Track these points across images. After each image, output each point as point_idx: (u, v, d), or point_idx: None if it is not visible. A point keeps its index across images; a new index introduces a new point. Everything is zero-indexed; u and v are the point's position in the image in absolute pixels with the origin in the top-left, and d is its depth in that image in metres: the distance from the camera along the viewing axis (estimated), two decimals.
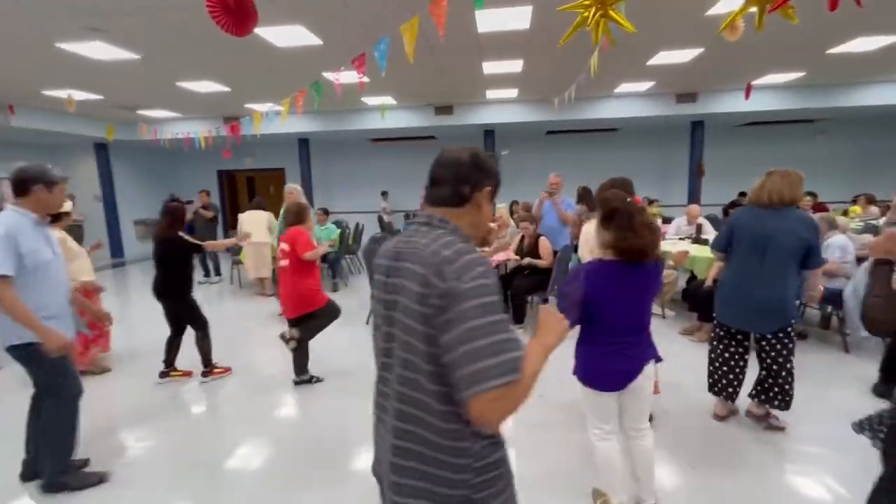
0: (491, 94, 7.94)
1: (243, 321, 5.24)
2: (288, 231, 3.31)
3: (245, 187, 13.99)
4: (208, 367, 3.60)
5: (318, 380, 3.46)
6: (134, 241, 10.97)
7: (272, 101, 7.79)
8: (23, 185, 2.08)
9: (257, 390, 3.46)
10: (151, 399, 3.35)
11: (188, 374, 3.62)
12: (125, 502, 2.23)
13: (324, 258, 6.85)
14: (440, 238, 0.92)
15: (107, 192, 10.16)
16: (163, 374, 3.56)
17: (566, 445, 2.58)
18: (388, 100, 8.22)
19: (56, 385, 2.18)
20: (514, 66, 6.11)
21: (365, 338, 3.89)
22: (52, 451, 2.21)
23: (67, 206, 3.46)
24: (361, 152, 11.55)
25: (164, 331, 3.54)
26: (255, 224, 5.95)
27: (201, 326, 3.52)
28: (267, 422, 3.05)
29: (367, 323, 4.74)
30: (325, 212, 7.11)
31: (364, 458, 2.56)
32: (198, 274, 7.91)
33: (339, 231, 6.97)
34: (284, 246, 3.25)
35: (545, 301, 4.54)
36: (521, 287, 4.48)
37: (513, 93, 7.89)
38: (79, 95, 6.93)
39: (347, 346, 4.09)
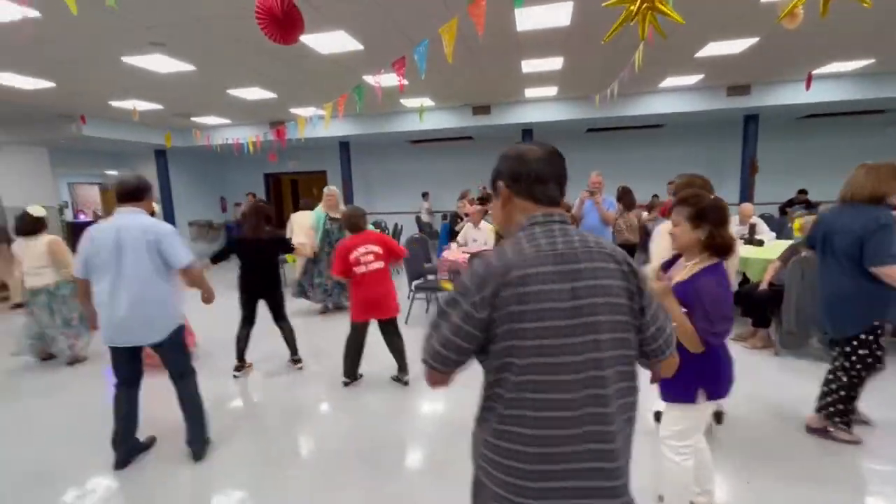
0: (529, 92, 7.85)
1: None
2: (370, 234, 3.33)
3: (289, 189, 14.55)
4: (297, 354, 3.84)
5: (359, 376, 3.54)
6: (189, 241, 11.65)
7: (315, 105, 8.06)
8: (139, 193, 2.38)
9: (308, 385, 3.60)
10: (231, 390, 3.55)
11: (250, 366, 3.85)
12: (204, 482, 2.38)
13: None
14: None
15: (165, 195, 10.85)
16: (238, 368, 3.72)
17: None
18: (427, 101, 8.30)
19: (190, 365, 2.58)
20: (554, 63, 6.01)
21: (408, 340, 3.92)
22: (203, 421, 2.60)
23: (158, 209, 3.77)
24: (400, 154, 11.73)
25: (225, 327, 3.74)
26: (304, 223, 6.19)
27: (286, 318, 3.78)
28: (321, 417, 3.16)
29: (406, 323, 4.80)
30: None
31: (412, 458, 2.61)
32: (227, 273, 8.31)
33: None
34: (375, 248, 3.25)
35: None
36: None
37: (552, 91, 7.76)
38: (142, 106, 7.46)
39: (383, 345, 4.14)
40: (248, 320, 3.70)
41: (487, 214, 5.60)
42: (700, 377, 1.65)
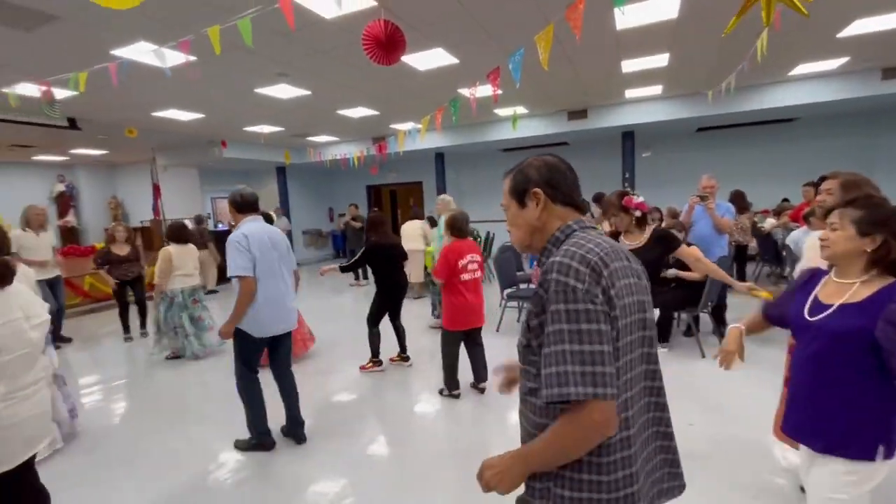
0: (630, 93, 7.41)
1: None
2: (472, 242, 3.40)
3: (388, 200, 15.47)
4: (406, 352, 4.14)
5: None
6: (302, 248, 12.95)
7: (413, 120, 8.50)
8: (257, 203, 2.80)
9: (411, 385, 3.79)
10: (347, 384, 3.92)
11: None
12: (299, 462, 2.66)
13: None
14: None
15: (284, 206, 12.23)
16: (377, 364, 4.03)
17: (716, 479, 2.25)
18: (520, 109, 8.27)
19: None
20: (659, 60, 5.61)
21: (498, 347, 3.93)
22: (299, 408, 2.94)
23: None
24: (493, 162, 11.81)
25: (333, 327, 4.12)
26: (412, 232, 6.56)
27: (400, 318, 4.10)
28: (420, 418, 3.31)
29: (497, 331, 4.81)
30: None
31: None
32: (350, 277, 9.07)
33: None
34: (478, 258, 3.32)
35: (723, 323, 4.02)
36: (665, 302, 4.06)
37: (656, 90, 7.24)
38: (267, 129, 8.54)
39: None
40: (378, 320, 3.99)
41: None
42: (883, 428, 1.26)
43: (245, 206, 2.74)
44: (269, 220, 4.18)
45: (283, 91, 6.02)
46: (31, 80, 4.66)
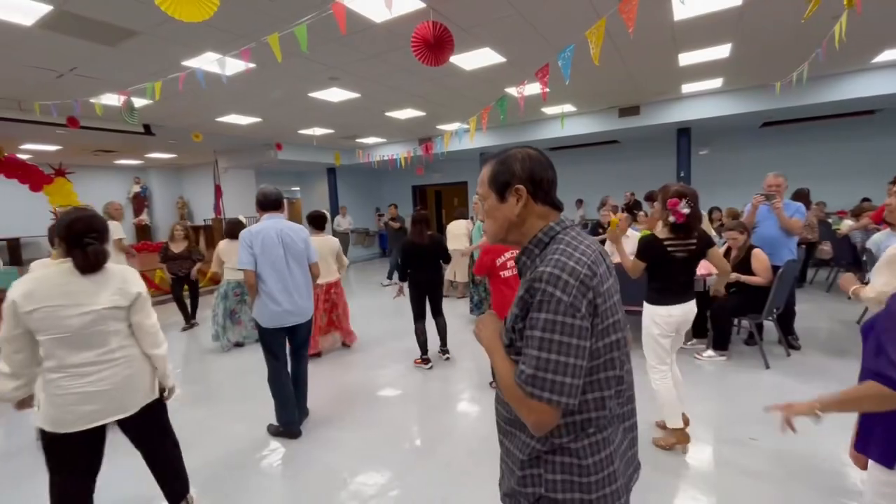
0: (687, 87, 7.05)
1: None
2: None
3: (433, 200, 15.63)
4: (446, 346, 4.25)
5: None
6: (350, 247, 13.37)
7: (459, 120, 8.54)
8: (280, 203, 2.96)
9: (457, 380, 3.83)
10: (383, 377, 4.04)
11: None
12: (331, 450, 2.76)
13: None
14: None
15: (333, 206, 12.67)
16: (426, 361, 4.12)
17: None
18: (568, 107, 8.09)
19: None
20: (720, 51, 5.29)
21: None
22: (306, 395, 3.17)
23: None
24: None
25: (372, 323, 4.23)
26: (457, 231, 6.62)
27: (442, 313, 4.23)
28: (463, 412, 3.34)
29: None
30: None
31: None
32: (381, 277, 9.25)
33: None
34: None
35: (758, 326, 3.76)
36: (726, 307, 3.83)
37: (715, 83, 6.83)
38: (319, 131, 8.89)
39: None
40: (420, 316, 4.10)
41: (635, 222, 5.21)
42: None
43: (266, 204, 2.90)
44: (322, 219, 4.36)
45: (335, 94, 6.25)
46: (113, 91, 5.12)
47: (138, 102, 5.65)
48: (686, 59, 5.51)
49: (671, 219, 2.44)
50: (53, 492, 1.76)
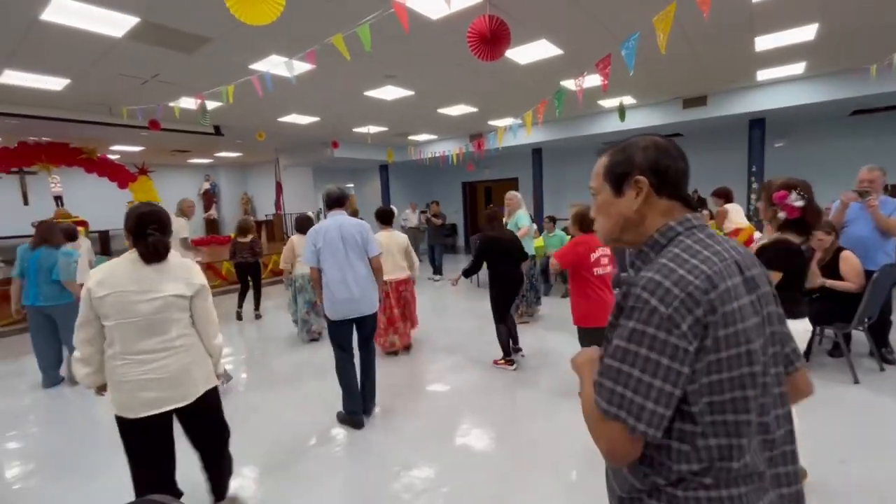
0: (763, 74, 6.49)
1: (472, 318, 5.83)
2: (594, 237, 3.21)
3: (483, 196, 15.56)
4: (518, 344, 4.18)
5: None
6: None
7: (511, 115, 8.41)
8: (343, 200, 3.08)
9: (526, 384, 3.81)
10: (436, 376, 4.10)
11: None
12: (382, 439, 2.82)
13: None
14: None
15: (385, 202, 12.96)
16: (510, 363, 4.01)
17: None
18: (627, 99, 7.72)
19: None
20: (804, 33, 4.82)
21: None
22: (375, 387, 3.24)
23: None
24: (593, 156, 11.16)
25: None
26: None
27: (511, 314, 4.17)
28: (530, 417, 3.31)
29: None
30: (553, 220, 7.22)
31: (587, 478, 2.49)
32: (427, 270, 9.32)
33: (569, 238, 6.96)
34: (608, 252, 3.19)
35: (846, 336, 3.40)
36: (810, 314, 3.49)
37: (797, 68, 6.23)
38: (374, 129, 9.10)
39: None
40: (505, 317, 3.95)
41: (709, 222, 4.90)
42: None
43: (331, 202, 3.07)
44: (389, 214, 4.43)
45: (389, 93, 6.35)
46: (190, 95, 5.52)
47: (210, 105, 6.05)
48: (764, 42, 5.07)
49: (781, 215, 2.08)
50: (135, 476, 1.87)
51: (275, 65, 4.58)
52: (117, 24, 3.79)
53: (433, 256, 9.08)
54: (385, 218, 4.39)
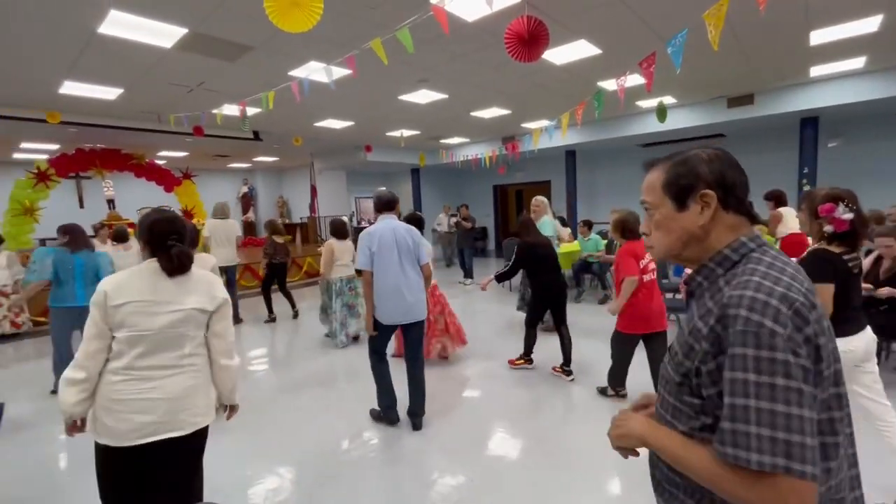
0: (817, 70, 6.11)
1: (502, 323, 5.74)
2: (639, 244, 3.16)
3: (514, 199, 15.42)
4: (569, 365, 3.99)
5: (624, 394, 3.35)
6: (430, 245, 13.68)
7: (545, 118, 8.28)
8: (394, 203, 3.11)
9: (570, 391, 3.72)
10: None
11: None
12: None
13: (588, 269, 6.81)
14: None
15: (416, 206, 13.03)
16: (530, 361, 4.03)
17: None
18: (667, 99, 7.45)
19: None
20: (867, 25, 4.50)
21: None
22: (424, 398, 3.14)
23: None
24: (631, 159, 10.91)
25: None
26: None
27: (566, 324, 4.03)
28: (573, 423, 3.23)
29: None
30: (588, 224, 7.05)
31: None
32: (458, 274, 9.27)
33: (605, 242, 6.78)
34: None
35: None
36: (877, 326, 3.23)
37: (856, 63, 5.84)
38: (406, 133, 9.17)
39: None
40: (538, 321, 3.97)
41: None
42: None
43: (381, 206, 3.10)
44: (419, 221, 4.34)
45: (423, 96, 6.38)
46: (232, 102, 5.72)
47: (249, 111, 6.25)
48: (820, 36, 4.77)
49: (828, 228, 1.99)
50: None
51: (313, 71, 4.67)
52: (167, 35, 3.97)
53: (463, 260, 9.05)
54: (415, 225, 4.42)
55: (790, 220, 4.59)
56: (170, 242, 1.61)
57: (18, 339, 5.77)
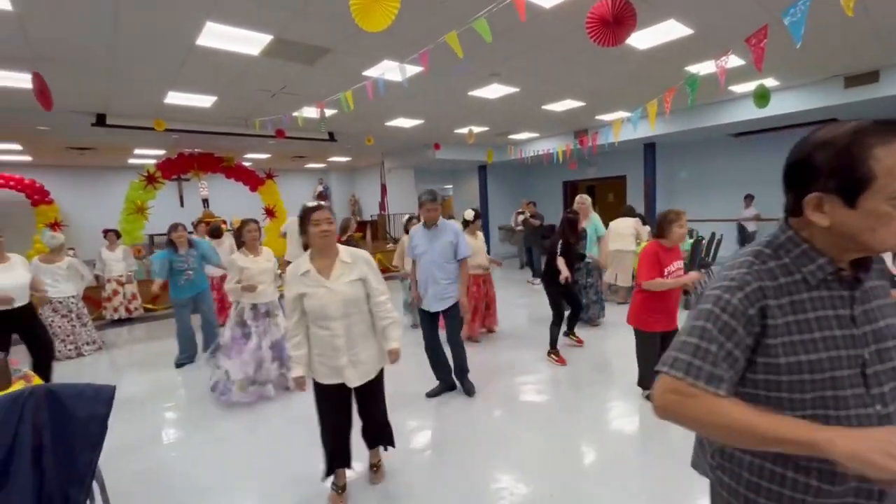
0: None
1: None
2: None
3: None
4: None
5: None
6: (497, 243, 13.48)
7: (623, 108, 7.77)
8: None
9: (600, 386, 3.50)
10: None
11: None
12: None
13: None
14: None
15: (483, 203, 12.92)
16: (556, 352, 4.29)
17: None
18: (768, 81, 6.63)
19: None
20: None
21: None
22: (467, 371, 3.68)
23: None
24: (718, 150, 9.92)
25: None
26: (623, 231, 6.08)
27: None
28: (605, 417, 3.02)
29: None
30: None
31: None
32: (526, 274, 8.99)
33: (692, 241, 6.21)
34: (681, 264, 3.21)
35: None
36: None
37: None
38: (476, 129, 9.08)
39: None
40: (561, 316, 4.30)
41: None
42: None
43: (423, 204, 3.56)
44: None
45: (493, 91, 6.24)
46: (309, 104, 6.00)
47: (326, 112, 6.51)
48: None
49: None
50: (323, 426, 2.28)
51: (387, 69, 4.73)
52: (254, 43, 4.21)
53: (531, 259, 8.77)
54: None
55: None
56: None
57: (132, 324, 6.55)
